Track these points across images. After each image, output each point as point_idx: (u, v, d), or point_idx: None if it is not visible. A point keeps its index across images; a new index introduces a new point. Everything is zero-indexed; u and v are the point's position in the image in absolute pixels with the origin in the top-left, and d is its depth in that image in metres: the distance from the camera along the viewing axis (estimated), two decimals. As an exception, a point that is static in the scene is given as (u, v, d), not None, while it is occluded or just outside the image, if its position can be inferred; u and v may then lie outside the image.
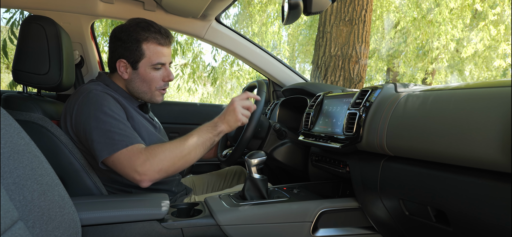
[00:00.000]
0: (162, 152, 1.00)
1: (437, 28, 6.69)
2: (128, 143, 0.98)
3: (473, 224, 0.71)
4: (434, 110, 0.76)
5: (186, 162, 1.04)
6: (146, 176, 0.97)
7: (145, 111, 1.24)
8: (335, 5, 3.33)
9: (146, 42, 1.11)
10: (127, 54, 1.11)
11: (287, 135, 1.42)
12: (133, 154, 0.98)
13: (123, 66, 1.13)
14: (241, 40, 1.86)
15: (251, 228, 0.99)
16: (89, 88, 1.07)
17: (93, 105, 1.02)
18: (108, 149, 0.97)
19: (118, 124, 1.01)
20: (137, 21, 1.13)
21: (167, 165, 1.00)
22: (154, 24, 1.14)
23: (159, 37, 1.12)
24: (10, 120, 0.61)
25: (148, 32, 1.11)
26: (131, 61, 1.12)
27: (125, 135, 1.00)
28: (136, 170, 0.97)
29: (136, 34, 1.10)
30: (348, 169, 1.09)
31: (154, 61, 1.12)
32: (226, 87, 8.33)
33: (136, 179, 0.98)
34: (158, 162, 0.98)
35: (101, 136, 0.98)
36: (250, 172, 1.08)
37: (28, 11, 1.56)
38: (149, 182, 0.99)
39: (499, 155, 0.61)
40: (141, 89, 1.16)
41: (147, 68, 1.13)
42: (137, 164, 0.97)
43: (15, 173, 0.57)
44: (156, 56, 1.12)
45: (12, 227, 0.53)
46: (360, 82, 3.35)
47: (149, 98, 1.18)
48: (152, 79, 1.14)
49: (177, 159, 1.02)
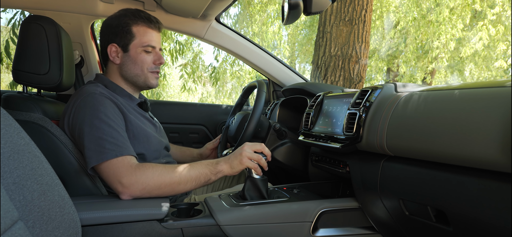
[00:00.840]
0: (151, 173, 0.97)
1: (436, 28, 6.69)
2: (118, 153, 0.98)
3: (473, 224, 0.71)
4: (434, 110, 0.76)
5: (173, 191, 1.00)
6: (128, 190, 0.96)
7: (145, 109, 1.24)
8: (335, 5, 3.33)
9: (135, 25, 1.16)
10: (118, 39, 1.16)
11: (287, 135, 1.42)
12: (121, 166, 0.97)
13: (114, 50, 1.17)
14: (241, 40, 1.85)
15: (251, 228, 0.99)
16: (88, 90, 1.07)
17: (89, 109, 1.02)
18: (96, 157, 0.97)
19: (111, 132, 1.00)
20: (127, 9, 1.18)
21: (152, 187, 0.97)
22: (143, 11, 1.19)
23: (148, 20, 1.17)
24: (10, 120, 0.61)
25: (138, 17, 1.16)
26: (122, 44, 1.16)
27: (116, 145, 0.98)
28: (120, 181, 0.96)
29: (126, 18, 1.15)
30: (348, 169, 1.09)
31: (145, 42, 1.16)
32: (227, 87, 8.33)
33: (118, 190, 0.96)
34: (143, 181, 0.96)
35: (92, 142, 0.98)
36: (250, 172, 1.08)
37: (28, 11, 1.56)
38: (129, 196, 0.97)
39: (499, 155, 0.61)
40: (134, 71, 1.18)
41: (138, 49, 1.16)
42: (122, 176, 0.96)
43: (15, 173, 0.57)
44: (146, 37, 1.16)
45: (12, 227, 0.53)
46: (360, 82, 3.35)
47: (143, 81, 1.20)
48: (143, 61, 1.17)
49: (164, 184, 0.99)
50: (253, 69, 3.97)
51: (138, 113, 1.18)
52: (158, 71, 1.23)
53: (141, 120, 1.16)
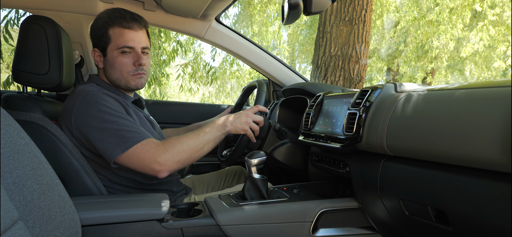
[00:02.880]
0: (180, 144, 1.04)
1: (436, 27, 6.69)
2: (140, 138, 1.00)
3: (473, 224, 0.71)
4: (434, 110, 0.76)
5: (200, 155, 1.09)
6: (165, 166, 1.01)
7: (140, 107, 1.25)
8: (335, 5, 3.33)
9: (111, 27, 1.13)
10: (98, 42, 1.15)
11: (287, 135, 1.42)
12: (150, 147, 1.00)
13: (97, 55, 1.17)
14: (241, 40, 1.85)
15: (251, 228, 0.99)
16: (84, 89, 1.07)
17: (94, 106, 1.01)
18: (121, 147, 0.98)
19: (124, 122, 1.02)
20: (106, 11, 1.16)
21: (185, 156, 1.05)
22: (120, 10, 1.15)
23: (123, 21, 1.13)
24: (10, 120, 0.61)
25: (113, 18, 1.13)
26: (101, 48, 1.15)
27: (134, 131, 1.01)
28: (156, 160, 1.00)
29: (102, 21, 1.14)
30: (348, 169, 1.09)
31: (120, 44, 1.13)
32: (226, 87, 8.33)
33: (156, 169, 1.00)
34: (177, 154, 1.02)
35: (110, 135, 0.98)
36: (250, 172, 1.08)
37: (28, 11, 1.56)
38: (168, 172, 1.02)
39: (499, 155, 0.61)
40: (114, 75, 1.16)
41: (114, 52, 1.14)
42: (157, 155, 1.00)
43: (15, 173, 0.57)
44: (121, 39, 1.13)
45: (12, 227, 0.53)
46: (360, 82, 3.35)
47: (125, 84, 1.17)
48: (121, 64, 1.14)
49: (193, 151, 1.07)
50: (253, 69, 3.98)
51: (136, 109, 1.18)
52: (142, 73, 1.17)
53: (139, 116, 1.16)
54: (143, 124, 1.15)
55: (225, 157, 1.39)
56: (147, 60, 1.19)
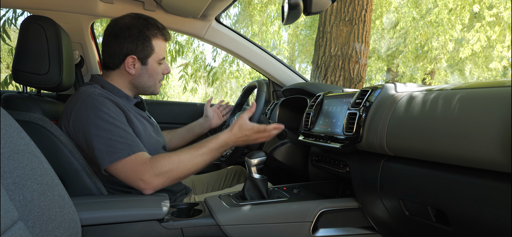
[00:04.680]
0: (169, 165, 1.02)
1: (435, 28, 6.69)
2: (130, 151, 0.99)
3: (473, 224, 0.71)
4: (434, 110, 0.76)
5: (191, 174, 1.09)
6: (150, 185, 1.00)
7: (142, 109, 1.25)
8: (335, 5, 3.33)
9: (155, 38, 1.16)
10: (138, 50, 1.14)
11: (287, 135, 1.42)
12: (138, 163, 0.99)
13: (132, 62, 1.15)
14: (241, 40, 1.85)
15: (251, 228, 0.99)
16: (86, 91, 1.07)
17: (92, 111, 1.01)
18: (109, 158, 0.98)
19: (119, 131, 1.01)
20: (141, 17, 1.16)
21: (173, 177, 1.03)
22: (157, 21, 1.19)
23: (165, 33, 1.20)
24: (10, 120, 0.61)
25: (156, 29, 1.17)
26: (141, 57, 1.16)
27: (126, 143, 1.00)
28: (141, 178, 0.99)
29: (146, 30, 1.14)
30: (348, 169, 1.09)
31: (161, 56, 1.19)
32: (226, 87, 8.33)
33: (140, 187, 1.00)
34: (164, 174, 1.01)
35: (102, 143, 0.99)
36: (250, 172, 1.08)
37: (28, 11, 1.56)
38: (152, 191, 1.02)
39: (499, 155, 0.61)
40: (148, 83, 1.21)
41: (155, 63, 1.19)
42: (142, 172, 0.99)
43: (15, 173, 0.57)
44: (162, 51, 1.20)
45: (12, 227, 0.53)
46: (360, 82, 3.35)
47: (152, 91, 1.23)
48: (158, 73, 1.21)
49: (182, 172, 1.05)
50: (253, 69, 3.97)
51: (136, 113, 1.18)
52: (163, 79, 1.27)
53: (139, 119, 1.16)
54: (144, 127, 1.15)
55: (225, 157, 1.39)
56: None
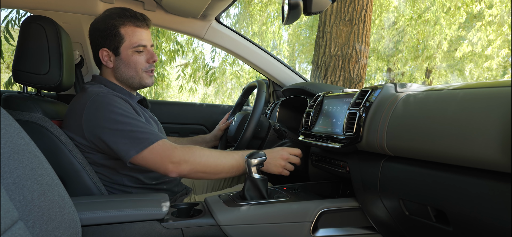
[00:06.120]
0: (199, 154, 1.06)
1: (432, 27, 6.71)
2: (154, 139, 1.02)
3: (473, 224, 0.71)
4: (434, 110, 0.76)
5: (214, 176, 1.10)
6: (178, 168, 1.03)
7: (145, 106, 1.25)
8: (335, 5, 3.33)
9: (123, 26, 1.13)
10: (107, 42, 1.14)
11: (287, 135, 1.42)
12: (165, 148, 1.02)
13: (106, 55, 1.16)
14: (241, 40, 1.85)
15: (251, 228, 0.99)
16: (94, 91, 1.07)
17: (105, 108, 1.02)
18: (135, 148, 1.00)
19: (137, 123, 1.03)
20: (112, 10, 1.16)
21: (200, 168, 1.06)
22: (128, 9, 1.16)
23: (136, 20, 1.15)
24: (10, 120, 0.61)
25: (124, 17, 1.14)
26: (112, 48, 1.15)
27: (148, 133, 1.03)
28: (171, 161, 1.02)
29: (112, 20, 1.13)
30: (348, 169, 1.09)
31: (135, 43, 1.15)
32: (226, 87, 8.34)
33: (168, 169, 1.03)
34: (193, 160, 1.04)
35: (124, 137, 1.00)
36: (250, 172, 1.08)
37: (28, 11, 1.56)
38: (178, 174, 1.04)
39: (499, 155, 0.61)
40: (128, 74, 1.17)
41: (129, 51, 1.15)
42: (171, 155, 1.02)
43: (15, 173, 0.57)
44: (135, 37, 1.15)
45: (12, 227, 0.53)
46: (360, 82, 3.35)
47: (138, 81, 1.19)
48: (136, 62, 1.16)
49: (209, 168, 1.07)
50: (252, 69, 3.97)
51: (141, 110, 1.19)
52: (153, 70, 1.22)
53: (145, 116, 1.17)
54: (150, 124, 1.15)
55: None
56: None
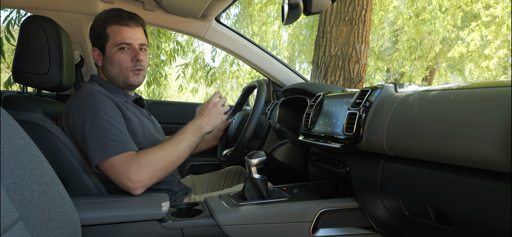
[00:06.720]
0: (154, 159, 1.02)
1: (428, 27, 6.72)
2: (121, 150, 0.99)
3: (473, 224, 0.71)
4: (434, 110, 0.76)
5: (175, 166, 1.09)
6: (139, 183, 0.99)
7: (141, 106, 1.25)
8: (335, 5, 3.33)
9: (109, 25, 1.16)
10: (96, 41, 1.18)
11: (287, 135, 1.42)
12: (125, 161, 0.98)
13: (96, 54, 1.19)
14: (241, 40, 1.85)
15: (251, 228, 0.99)
16: (86, 89, 1.08)
17: (89, 108, 1.02)
18: (100, 155, 0.98)
19: (112, 129, 1.01)
20: (104, 11, 1.19)
21: (160, 172, 1.03)
22: (117, 9, 1.18)
23: (120, 19, 1.16)
24: (10, 120, 0.61)
25: (111, 17, 1.16)
26: (100, 47, 1.18)
27: (119, 141, 1.00)
28: (128, 178, 0.98)
29: (100, 21, 1.17)
30: (348, 169, 1.09)
31: (118, 41, 1.15)
32: (226, 87, 8.33)
33: (128, 187, 0.98)
34: (150, 169, 1.01)
35: (95, 141, 0.99)
36: (250, 172, 1.08)
37: (28, 11, 1.56)
38: (142, 189, 1.00)
39: (499, 155, 0.61)
40: (113, 72, 1.18)
41: (112, 49, 1.16)
42: (129, 171, 0.98)
43: (15, 173, 0.57)
44: (118, 36, 1.16)
45: (12, 227, 0.53)
46: (360, 82, 3.35)
47: (123, 80, 1.18)
48: (120, 60, 1.16)
49: (168, 163, 1.06)
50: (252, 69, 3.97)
51: (135, 110, 1.19)
52: (140, 69, 1.19)
53: (138, 116, 1.17)
54: (142, 124, 1.15)
55: (225, 157, 1.38)
56: (145, 57, 1.20)
